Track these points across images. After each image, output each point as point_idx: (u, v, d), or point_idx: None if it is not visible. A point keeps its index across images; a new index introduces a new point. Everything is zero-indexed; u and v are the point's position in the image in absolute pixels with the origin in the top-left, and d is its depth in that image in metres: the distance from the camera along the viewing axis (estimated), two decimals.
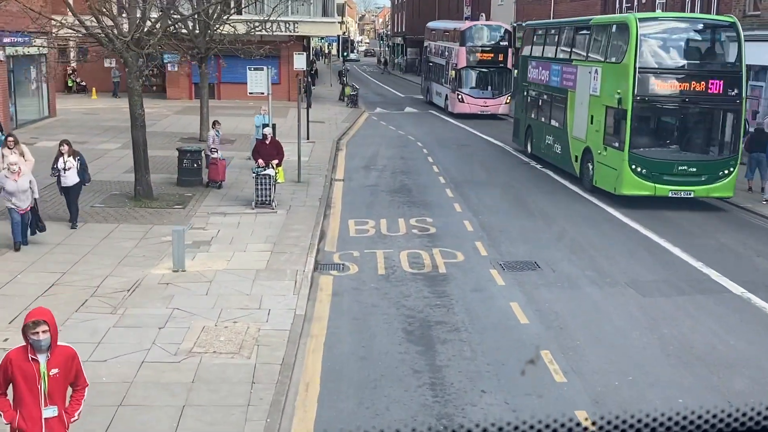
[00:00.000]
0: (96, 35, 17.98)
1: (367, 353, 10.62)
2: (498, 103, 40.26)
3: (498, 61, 40.15)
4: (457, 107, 40.04)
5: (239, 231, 16.35)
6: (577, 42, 23.68)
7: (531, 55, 27.62)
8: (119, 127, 30.29)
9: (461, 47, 39.75)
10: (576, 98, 22.84)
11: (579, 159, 22.48)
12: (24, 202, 14.23)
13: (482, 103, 39.92)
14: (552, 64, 25.17)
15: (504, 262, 14.94)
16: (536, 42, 27.47)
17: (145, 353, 10.11)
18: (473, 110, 39.63)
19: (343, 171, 24.67)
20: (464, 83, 40.03)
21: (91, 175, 21.52)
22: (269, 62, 31.35)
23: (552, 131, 25.05)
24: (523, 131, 28.26)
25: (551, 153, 25.18)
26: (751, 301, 13.00)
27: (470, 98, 39.77)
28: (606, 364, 10.32)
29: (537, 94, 26.73)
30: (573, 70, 23.32)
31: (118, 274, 13.28)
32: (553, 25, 28.68)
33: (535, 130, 26.77)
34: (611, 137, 20.31)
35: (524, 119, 28.15)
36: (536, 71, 26.69)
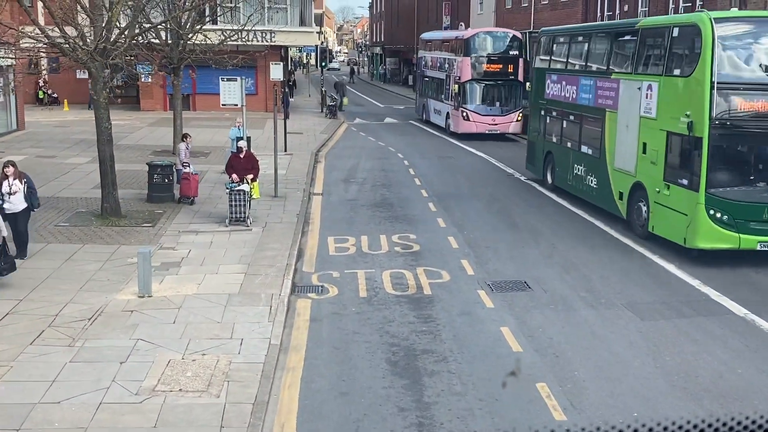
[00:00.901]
0: (59, 45, 17.03)
1: (348, 388, 9.75)
2: (508, 121, 35.23)
3: (507, 72, 35.20)
4: (461, 126, 35.14)
5: (211, 251, 15.43)
6: (618, 50, 19.54)
7: (550, 67, 23.38)
8: (89, 140, 29.13)
9: (464, 58, 35.05)
10: (618, 120, 18.50)
11: (625, 197, 18.04)
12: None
13: (490, 121, 34.90)
14: (581, 78, 20.86)
15: (492, 282, 14.13)
16: (557, 51, 23.35)
17: (103, 393, 9.17)
18: (480, 129, 34.77)
19: (322, 184, 23.81)
20: (469, 99, 35.06)
21: (58, 190, 20.73)
22: (245, 72, 30.54)
23: (583, 160, 20.63)
24: (540, 158, 23.76)
25: (582, 187, 20.63)
26: (756, 323, 12.27)
27: (476, 116, 34.80)
28: (608, 398, 9.51)
29: (559, 113, 22.31)
30: (612, 86, 18.95)
31: (79, 301, 12.32)
32: (581, 30, 23.68)
33: (558, 158, 22.32)
34: (677, 172, 15.88)
35: (542, 143, 23.68)
36: (558, 86, 22.36)
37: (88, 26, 18.10)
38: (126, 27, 17.88)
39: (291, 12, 42.79)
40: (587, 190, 20.44)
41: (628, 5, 35.00)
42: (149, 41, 24.33)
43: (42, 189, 20.81)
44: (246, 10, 31.37)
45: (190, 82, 35.50)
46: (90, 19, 17.79)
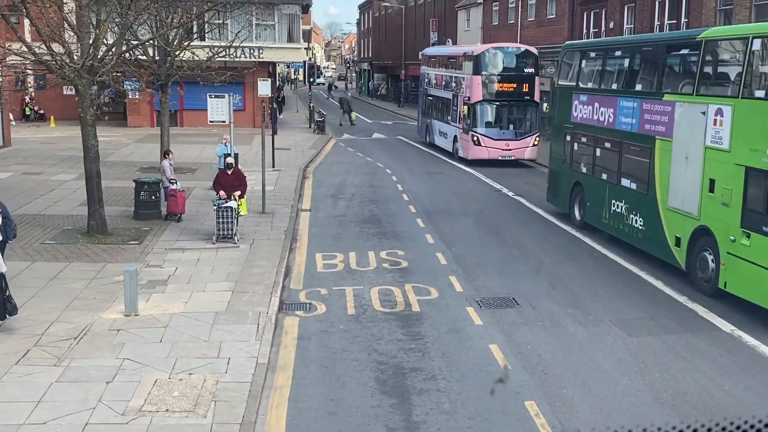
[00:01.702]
0: (46, 62, 16.98)
1: (336, 407, 9.69)
2: (523, 146, 32.00)
3: (522, 92, 31.90)
4: (471, 152, 31.93)
5: (198, 268, 15.35)
6: (672, 67, 16.83)
7: (578, 86, 20.31)
8: (76, 156, 29.03)
9: (474, 76, 31.72)
10: (673, 151, 15.52)
11: (684, 244, 15.11)
12: None
13: (503, 146, 31.69)
14: (621, 100, 17.83)
15: (481, 298, 14.11)
16: (587, 68, 20.50)
17: (89, 413, 9.08)
18: (492, 155, 31.56)
19: (310, 200, 23.78)
20: (480, 121, 31.85)
21: (44, 207, 20.62)
22: (233, 89, 30.55)
23: (624, 195, 17.64)
24: (566, 190, 20.68)
25: (623, 227, 17.64)
26: (743, 340, 12.30)
27: (488, 140, 31.60)
28: (598, 416, 9.48)
29: (591, 139, 19.42)
30: (665, 109, 15.90)
31: (65, 320, 12.22)
32: (620, 44, 20.61)
33: (590, 191, 19.40)
34: (762, 218, 12.97)
35: (568, 173, 20.65)
36: (588, 108, 19.39)
37: (75, 43, 18.05)
38: (113, 44, 17.85)
39: (279, 28, 42.90)
40: (630, 232, 17.33)
41: (613, 22, 35.28)
42: (137, 58, 24.29)
43: (28, 206, 20.76)
44: (234, 26, 31.43)
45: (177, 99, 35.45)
46: (77, 36, 17.73)
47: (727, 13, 27.50)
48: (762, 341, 12.16)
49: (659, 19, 31.90)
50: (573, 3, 39.59)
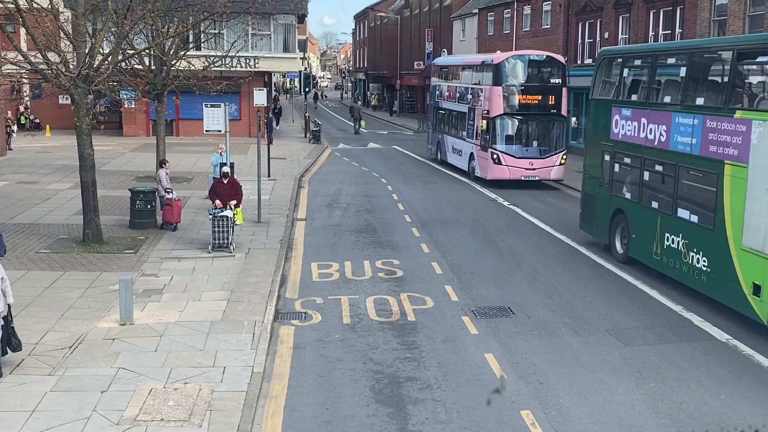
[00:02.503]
0: (42, 71, 16.99)
1: (332, 417, 9.67)
2: (549, 165, 28.71)
3: (548, 105, 28.66)
4: (491, 171, 28.69)
5: (194, 277, 15.33)
6: (744, 78, 14.33)
7: (619, 99, 17.84)
8: (72, 165, 29.02)
9: (494, 87, 28.51)
10: (749, 179, 13.01)
11: (766, 293, 12.56)
12: None
13: (527, 165, 28.45)
14: (677, 116, 15.18)
15: (476, 308, 14.11)
16: (630, 77, 17.94)
17: (84, 423, 9.06)
18: (514, 175, 28.45)
19: (306, 210, 23.78)
20: (500, 137, 28.56)
21: (40, 216, 20.59)
22: (229, 98, 30.55)
23: (681, 229, 15.03)
24: (604, 217, 18.11)
25: (681, 266, 14.94)
26: (738, 349, 12.31)
27: (510, 158, 28.40)
28: (594, 426, 9.48)
29: (636, 161, 16.77)
30: (737, 128, 13.37)
31: (60, 329, 12.19)
32: (673, 50, 17.75)
33: (636, 220, 16.73)
34: None
35: (606, 198, 18.05)
36: (633, 124, 16.77)
37: (71, 52, 18.06)
38: (109, 53, 17.86)
39: (275, 38, 42.97)
40: (690, 273, 14.74)
41: (608, 32, 35.43)
42: (133, 67, 24.32)
43: (23, 215, 20.73)
44: (230, 36, 31.45)
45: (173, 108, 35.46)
46: (73, 46, 17.75)
47: (721, 24, 27.66)
48: (757, 350, 12.18)
49: (654, 29, 32.05)
50: (568, 13, 39.76)
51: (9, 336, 10.44)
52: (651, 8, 32.28)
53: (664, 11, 31.48)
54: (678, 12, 30.40)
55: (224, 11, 22.12)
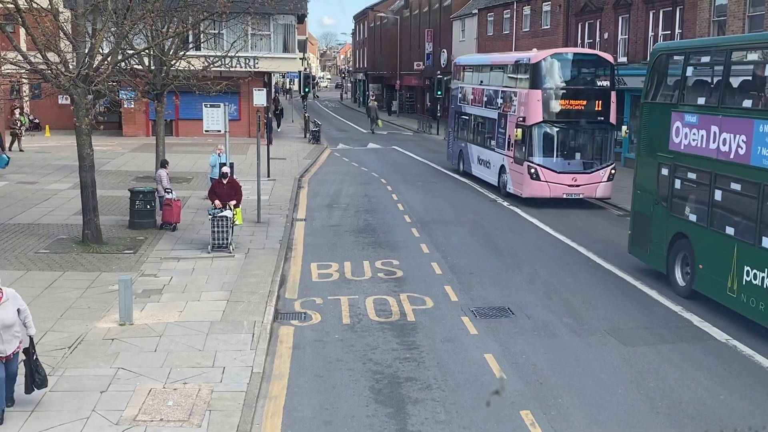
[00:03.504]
0: (41, 71, 16.98)
1: (331, 417, 9.67)
2: (594, 181, 24.83)
3: (594, 111, 24.75)
4: (527, 187, 24.87)
5: (193, 278, 15.33)
6: None
7: (680, 103, 15.28)
8: (71, 166, 29.01)
9: (532, 91, 24.64)
10: None
11: None
12: (10, 343, 9.04)
13: (570, 181, 24.68)
14: (761, 124, 12.73)
15: (476, 308, 14.11)
16: (695, 77, 15.48)
17: (83, 423, 9.05)
18: (555, 193, 24.66)
19: (305, 210, 23.77)
20: (539, 149, 24.69)
21: (39, 216, 20.58)
22: (229, 98, 30.56)
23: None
24: (661, 242, 15.62)
25: (766, 308, 12.46)
26: (737, 349, 12.31)
27: (550, 173, 24.56)
28: (593, 426, 9.48)
29: (704, 177, 14.29)
30: None
31: (59, 329, 12.18)
32: (755, 43, 14.83)
33: (704, 248, 14.22)
34: None
35: (664, 220, 15.58)
36: (699, 133, 14.33)
37: (70, 52, 18.06)
38: (109, 53, 17.86)
39: (274, 39, 42.97)
40: None
41: (608, 33, 35.44)
42: (132, 67, 24.31)
43: (23, 215, 20.75)
44: (229, 36, 31.45)
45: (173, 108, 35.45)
46: (73, 46, 17.75)
47: (720, 24, 27.68)
48: (757, 350, 12.18)
49: (653, 30, 32.06)
50: (567, 14, 39.79)
51: (32, 371, 9.34)
52: (650, 9, 32.30)
53: (664, 11, 31.49)
54: (678, 12, 30.41)
55: (224, 11, 22.12)
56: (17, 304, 9.15)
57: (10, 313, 9.02)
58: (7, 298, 9.03)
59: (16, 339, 9.12)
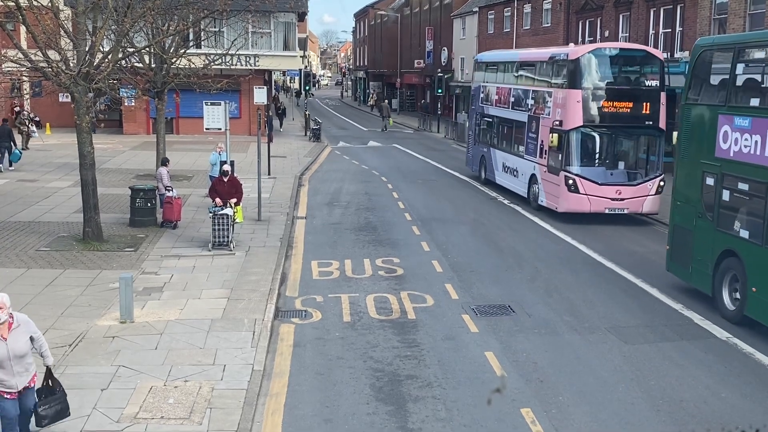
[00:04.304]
0: (42, 69, 16.98)
1: (332, 414, 9.67)
2: (641, 194, 21.87)
3: (641, 114, 21.86)
4: (564, 201, 22.00)
5: (194, 276, 15.33)
6: None
7: (729, 105, 13.74)
8: (72, 164, 29.02)
9: (571, 91, 21.79)
10: None
11: None
12: (21, 376, 7.97)
13: (614, 194, 21.68)
14: None
15: (476, 306, 14.11)
16: (747, 74, 13.84)
17: (84, 420, 9.05)
18: (596, 207, 21.68)
19: (306, 208, 23.77)
20: (578, 157, 21.84)
21: (40, 214, 20.57)
22: (229, 96, 30.58)
23: None
24: (706, 259, 14.14)
25: None
26: (738, 347, 12.31)
27: (591, 185, 21.62)
28: (594, 424, 9.48)
29: (758, 188, 12.80)
30: None
31: (60, 327, 12.19)
32: None
33: (758, 269, 12.72)
34: None
35: (709, 235, 14.05)
36: (753, 139, 12.84)
37: (71, 50, 18.05)
38: (109, 51, 17.85)
39: (275, 37, 42.97)
40: None
41: (608, 31, 35.42)
42: (133, 65, 24.31)
43: (23, 213, 20.74)
44: (230, 34, 31.44)
45: (173, 106, 35.46)
46: (73, 44, 17.74)
47: (721, 22, 27.67)
48: (757, 348, 12.18)
49: (654, 27, 32.05)
50: (568, 12, 39.77)
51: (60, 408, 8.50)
52: (651, 6, 32.27)
53: (665, 9, 31.47)
54: (678, 10, 30.40)
55: (224, 9, 22.12)
56: (30, 331, 8.04)
57: (22, 341, 7.88)
58: (18, 324, 7.90)
59: (28, 372, 8.03)
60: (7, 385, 7.84)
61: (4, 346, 7.77)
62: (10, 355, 7.78)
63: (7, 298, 7.82)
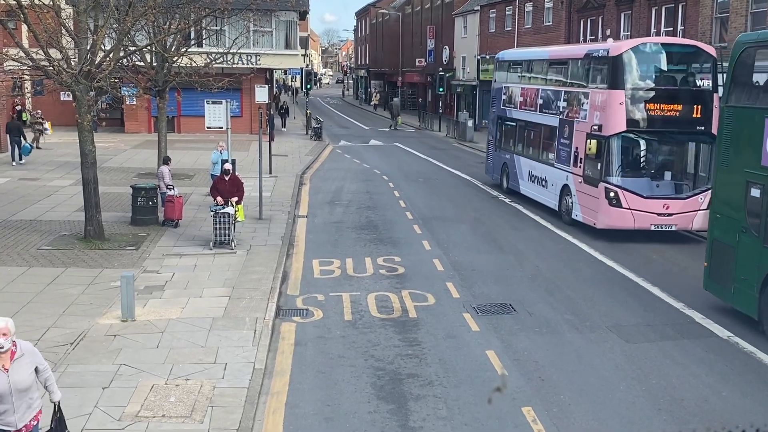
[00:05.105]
0: (43, 68, 16.99)
1: (333, 413, 9.68)
2: (692, 209, 19.22)
3: (691, 119, 19.40)
4: (604, 216, 19.55)
5: (195, 274, 15.34)
6: None
7: None
8: (73, 162, 29.07)
9: (613, 91, 19.40)
10: None
11: None
12: (24, 413, 6.91)
13: (659, 209, 19.17)
14: None
15: (477, 304, 14.11)
16: None
17: (85, 419, 9.06)
18: (641, 223, 19.24)
19: (307, 207, 23.77)
20: (620, 166, 19.47)
21: (41, 213, 20.59)
22: (230, 95, 30.56)
23: None
24: (751, 279, 12.82)
25: None
26: (739, 346, 12.31)
27: (635, 198, 19.16)
28: (595, 423, 9.49)
29: None
30: None
31: (61, 325, 12.20)
32: None
33: None
34: None
35: (752, 252, 12.85)
36: None
37: (72, 49, 18.06)
38: (111, 50, 17.86)
39: (276, 35, 42.98)
40: None
41: (610, 29, 35.39)
42: (134, 64, 24.32)
43: (25, 212, 20.76)
44: (231, 33, 31.44)
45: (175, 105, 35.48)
46: (74, 42, 17.75)
47: (723, 21, 27.64)
48: (759, 347, 12.17)
49: (656, 26, 32.02)
50: (570, 10, 39.74)
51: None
52: (653, 5, 32.24)
53: (666, 8, 31.44)
54: (680, 9, 30.37)
55: (226, 8, 22.12)
56: (35, 362, 7.00)
57: (25, 373, 6.83)
58: (22, 353, 6.86)
59: (32, 408, 6.97)
60: (6, 422, 6.80)
61: (5, 379, 6.70)
62: (11, 388, 6.73)
63: (11, 323, 6.80)
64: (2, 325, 6.68)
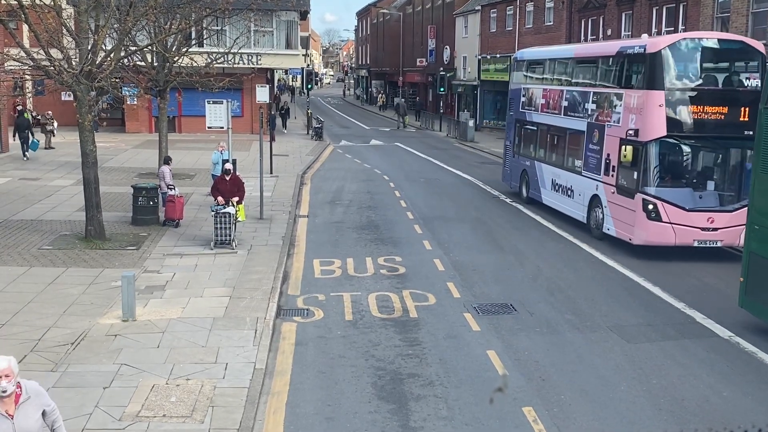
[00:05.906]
0: (44, 68, 16.99)
1: (333, 413, 9.68)
2: (739, 223, 16.59)
3: (739, 123, 17.40)
4: (641, 230, 17.66)
5: (196, 274, 15.33)
6: None
7: None
8: (74, 162, 29.09)
9: (651, 92, 17.47)
10: None
11: None
12: None
13: (704, 222, 17.38)
14: None
15: (478, 304, 14.10)
16: None
17: (86, 419, 9.06)
18: (683, 239, 17.42)
19: (308, 206, 23.77)
20: (659, 175, 17.67)
21: (42, 213, 20.60)
22: (231, 95, 30.53)
23: None
24: None
25: None
26: (740, 346, 12.30)
27: (676, 211, 17.32)
28: (596, 423, 9.48)
29: None
30: None
31: (62, 325, 12.19)
32: None
33: None
34: None
35: None
36: None
37: (73, 49, 18.07)
38: (112, 50, 17.86)
39: (277, 35, 42.99)
40: None
41: (611, 29, 35.39)
42: (135, 64, 24.33)
43: (25, 211, 20.77)
44: (232, 33, 31.45)
45: (175, 105, 35.49)
46: (75, 42, 17.76)
47: (724, 20, 27.63)
48: (760, 347, 12.16)
49: (657, 26, 32.01)
50: (571, 10, 39.73)
51: None
52: (654, 5, 32.23)
53: (667, 8, 31.43)
54: (681, 9, 30.36)
55: (226, 8, 22.11)
56: (42, 404, 6.25)
57: (33, 418, 6.11)
58: (28, 396, 6.13)
59: None
60: None
61: (10, 426, 5.97)
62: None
63: (14, 362, 6.05)
64: (4, 366, 5.91)
